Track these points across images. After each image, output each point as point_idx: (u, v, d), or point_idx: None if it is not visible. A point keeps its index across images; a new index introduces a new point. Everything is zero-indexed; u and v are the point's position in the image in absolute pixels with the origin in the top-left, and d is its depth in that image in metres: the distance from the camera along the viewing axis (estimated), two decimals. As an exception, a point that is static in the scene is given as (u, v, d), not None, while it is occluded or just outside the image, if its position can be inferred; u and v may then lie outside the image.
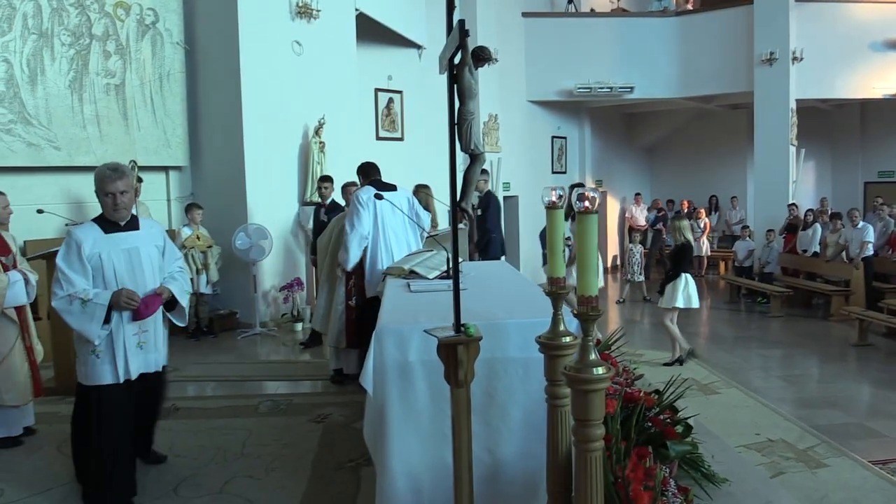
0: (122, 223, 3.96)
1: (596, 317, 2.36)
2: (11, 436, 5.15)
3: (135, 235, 3.97)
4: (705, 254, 15.86)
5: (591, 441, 2.37)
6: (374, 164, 6.60)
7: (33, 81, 7.87)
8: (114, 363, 3.88)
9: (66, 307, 3.72)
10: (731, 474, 3.90)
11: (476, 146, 5.99)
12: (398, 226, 6.32)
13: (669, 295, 7.87)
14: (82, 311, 3.71)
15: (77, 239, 3.81)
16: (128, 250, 3.92)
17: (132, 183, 3.72)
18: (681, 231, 8.04)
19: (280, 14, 9.23)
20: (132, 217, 4.01)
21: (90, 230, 3.87)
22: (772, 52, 13.02)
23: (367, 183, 6.38)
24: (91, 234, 3.85)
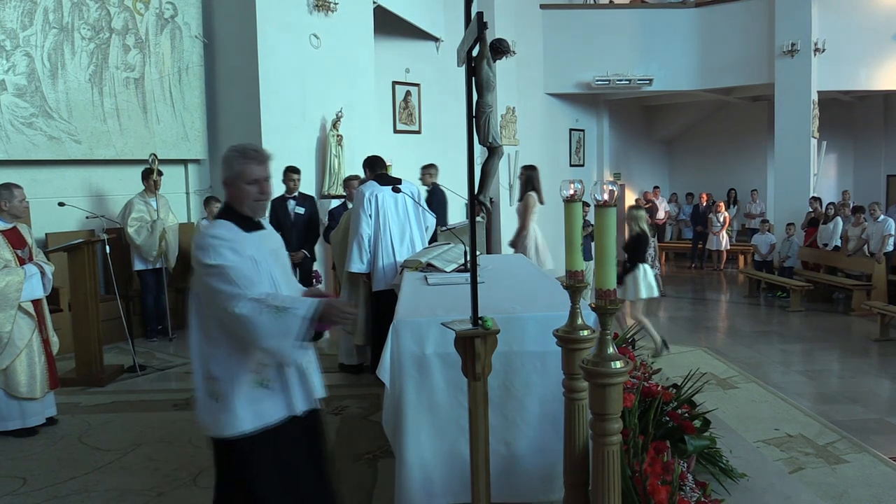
0: (258, 220, 2.96)
1: (614, 310, 2.35)
2: (27, 426, 5.22)
3: (271, 235, 3.01)
4: (724, 248, 15.74)
5: (609, 435, 2.37)
6: (379, 158, 6.62)
7: (54, 75, 7.95)
8: (287, 392, 2.80)
9: (256, 317, 2.62)
10: (749, 469, 3.88)
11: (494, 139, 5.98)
12: (402, 221, 6.32)
13: (631, 287, 7.76)
14: (276, 322, 2.62)
15: (228, 240, 2.76)
16: (275, 252, 2.96)
17: None
18: (636, 221, 7.97)
19: (298, 7, 9.24)
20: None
21: (229, 230, 2.83)
22: (793, 42, 12.86)
23: (373, 177, 6.39)
24: (235, 234, 2.81)
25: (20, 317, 5.15)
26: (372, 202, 6.16)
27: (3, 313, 5.05)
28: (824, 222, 12.18)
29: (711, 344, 8.72)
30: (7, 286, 5.03)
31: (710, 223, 15.66)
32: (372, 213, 6.18)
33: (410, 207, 6.38)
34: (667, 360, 7.57)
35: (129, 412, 5.79)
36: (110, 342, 7.56)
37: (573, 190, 2.74)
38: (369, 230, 6.17)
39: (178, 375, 6.93)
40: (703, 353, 8.14)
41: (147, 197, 8.19)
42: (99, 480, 4.40)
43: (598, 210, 2.37)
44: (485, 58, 5.57)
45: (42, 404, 5.33)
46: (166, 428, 5.32)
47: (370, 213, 6.17)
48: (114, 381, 6.65)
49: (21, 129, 7.66)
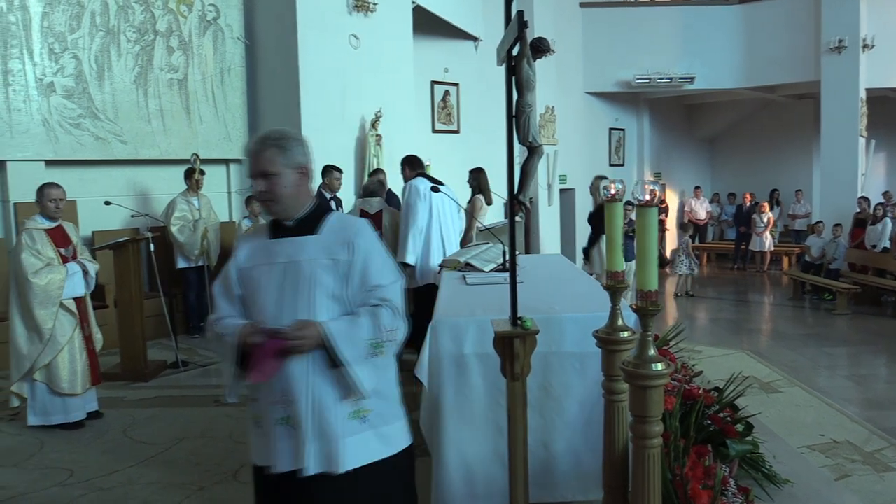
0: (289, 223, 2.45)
1: (655, 312, 2.32)
2: (70, 421, 5.34)
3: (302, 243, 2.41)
4: (768, 249, 15.45)
5: (649, 438, 2.33)
6: (418, 157, 6.68)
7: (101, 77, 8.13)
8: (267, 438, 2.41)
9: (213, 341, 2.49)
10: (793, 475, 3.79)
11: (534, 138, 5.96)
12: (447, 220, 6.40)
13: (597, 260, 7.59)
14: (220, 350, 2.43)
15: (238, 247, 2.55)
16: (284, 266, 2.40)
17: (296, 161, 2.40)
18: (600, 191, 7.82)
19: (338, 8, 9.31)
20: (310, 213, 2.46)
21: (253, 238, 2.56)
22: (840, 39, 12.56)
23: (417, 174, 6.44)
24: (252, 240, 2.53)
25: (62, 314, 5.26)
26: (427, 197, 6.23)
27: (46, 310, 5.17)
28: (872, 223, 11.87)
29: (754, 347, 8.56)
30: (49, 284, 5.14)
31: (754, 223, 15.38)
32: (427, 208, 6.25)
33: (454, 208, 6.47)
34: (709, 362, 7.45)
35: (171, 407, 5.89)
36: (154, 338, 7.71)
37: (614, 190, 2.71)
38: (424, 223, 6.23)
39: (219, 372, 7.03)
40: (745, 355, 8.00)
41: (189, 196, 8.32)
42: (142, 473, 4.49)
43: (640, 210, 2.34)
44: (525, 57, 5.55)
45: (83, 400, 5.44)
46: (208, 423, 5.41)
47: (427, 207, 6.24)
48: (157, 377, 6.78)
49: (69, 130, 7.86)
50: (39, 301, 5.14)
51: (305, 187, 2.46)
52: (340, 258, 2.37)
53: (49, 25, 7.69)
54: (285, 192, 2.38)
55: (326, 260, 2.37)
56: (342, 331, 2.30)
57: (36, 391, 5.29)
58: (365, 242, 2.41)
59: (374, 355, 2.34)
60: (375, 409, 2.40)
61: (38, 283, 5.09)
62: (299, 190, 2.42)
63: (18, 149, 7.48)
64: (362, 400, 2.35)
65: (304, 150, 2.45)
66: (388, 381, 2.46)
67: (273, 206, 2.42)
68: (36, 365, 5.21)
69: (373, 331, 2.33)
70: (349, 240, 2.39)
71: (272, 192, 2.38)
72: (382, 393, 2.42)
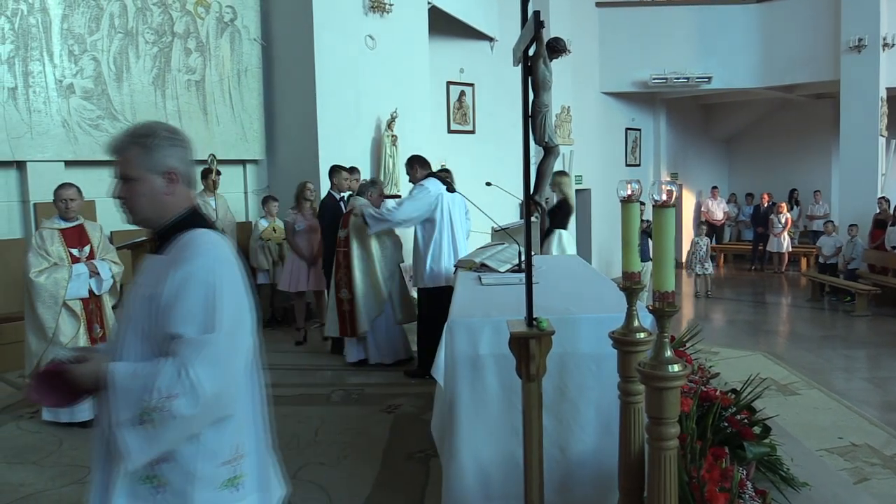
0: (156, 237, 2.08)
1: (672, 313, 2.31)
2: (76, 422, 5.34)
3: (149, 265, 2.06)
4: (786, 250, 15.31)
5: (666, 439, 2.32)
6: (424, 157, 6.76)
7: (119, 78, 8.20)
8: None
9: None
10: (811, 478, 3.76)
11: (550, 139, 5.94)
12: (458, 221, 6.44)
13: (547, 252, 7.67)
14: None
15: None
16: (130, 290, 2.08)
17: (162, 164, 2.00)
18: (560, 187, 7.86)
19: (354, 9, 9.33)
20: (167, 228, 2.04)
21: None
22: (860, 38, 12.42)
23: (429, 175, 6.47)
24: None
25: (65, 314, 5.25)
26: (440, 200, 6.27)
27: (48, 310, 5.18)
28: (893, 224, 11.74)
29: (772, 348, 8.50)
30: (53, 283, 5.16)
31: (772, 224, 15.25)
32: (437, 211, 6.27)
33: (463, 210, 6.51)
34: (725, 364, 7.39)
35: (188, 406, 5.92)
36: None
37: (630, 190, 2.70)
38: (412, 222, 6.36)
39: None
40: (762, 357, 7.94)
41: (206, 196, 8.36)
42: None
43: (657, 210, 2.33)
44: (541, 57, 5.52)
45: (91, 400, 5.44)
46: (224, 422, 5.43)
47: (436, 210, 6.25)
48: (174, 376, 6.81)
49: (88, 131, 7.93)
50: (42, 300, 5.16)
51: (175, 196, 2.02)
52: (157, 290, 1.89)
53: (69, 27, 7.76)
54: (143, 202, 1.99)
55: (146, 290, 1.94)
56: (124, 381, 1.83)
57: None
58: (182, 276, 1.87)
59: (143, 423, 1.79)
60: (174, 484, 1.89)
61: (39, 282, 5.13)
62: (164, 199, 2.00)
63: (38, 150, 7.56)
64: (164, 462, 1.87)
65: (176, 150, 2.04)
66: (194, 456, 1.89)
67: (130, 215, 2.06)
68: (42, 361, 5.24)
69: (142, 391, 1.79)
70: (169, 268, 1.90)
71: (128, 199, 2.01)
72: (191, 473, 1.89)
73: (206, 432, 1.88)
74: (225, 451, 1.94)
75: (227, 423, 1.92)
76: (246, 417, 2.04)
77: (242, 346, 1.94)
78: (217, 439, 1.91)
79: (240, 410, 1.98)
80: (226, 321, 1.86)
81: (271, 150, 9.77)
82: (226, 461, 1.94)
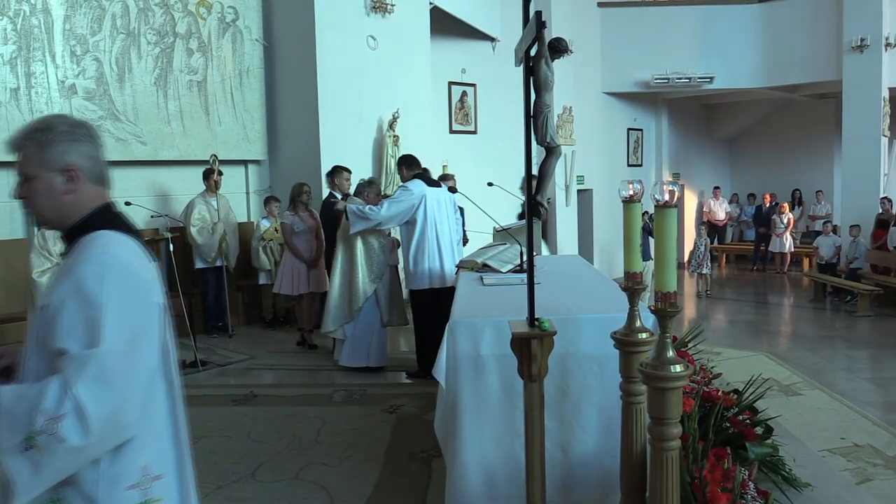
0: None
1: (674, 313, 2.31)
2: None
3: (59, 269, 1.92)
4: (788, 250, 15.30)
5: (668, 440, 2.32)
6: (415, 157, 6.75)
7: (121, 79, 8.21)
8: None
9: None
10: (813, 479, 3.76)
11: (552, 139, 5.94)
12: (444, 224, 6.43)
13: None
14: None
15: None
16: None
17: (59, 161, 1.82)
18: None
19: (356, 9, 9.34)
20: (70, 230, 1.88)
21: None
22: (863, 38, 12.40)
23: (415, 176, 6.47)
24: None
25: None
26: (422, 201, 6.26)
27: None
28: (895, 224, 11.72)
29: (774, 349, 8.48)
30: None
31: (774, 224, 15.24)
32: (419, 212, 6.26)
33: (451, 209, 6.51)
34: (728, 364, 7.39)
35: (190, 406, 5.86)
36: (173, 338, 7.75)
37: (632, 191, 2.70)
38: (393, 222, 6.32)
39: (237, 371, 7.08)
40: (764, 357, 7.92)
41: (208, 197, 8.38)
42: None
43: (659, 211, 2.33)
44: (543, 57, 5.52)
45: None
46: (226, 422, 5.44)
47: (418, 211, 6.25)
48: (176, 376, 6.82)
49: (90, 131, 7.93)
50: None
51: (78, 195, 1.86)
52: (48, 301, 1.74)
53: (71, 28, 7.77)
54: (41, 202, 1.85)
55: (43, 300, 1.79)
56: (9, 404, 1.64)
57: None
58: (68, 284, 1.71)
59: (29, 448, 1.60)
60: None
61: (42, 283, 5.15)
62: (64, 199, 1.85)
63: (40, 150, 7.57)
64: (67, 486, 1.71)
65: (77, 146, 1.85)
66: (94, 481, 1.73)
67: (33, 217, 1.94)
68: None
69: (28, 414, 1.61)
70: (62, 276, 1.76)
71: (29, 199, 1.86)
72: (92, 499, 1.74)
73: (103, 455, 1.72)
74: (130, 475, 1.78)
75: (129, 443, 1.76)
76: (157, 436, 1.88)
77: (142, 359, 1.75)
78: (117, 462, 1.76)
79: (150, 429, 1.83)
80: (114, 334, 1.67)
81: (273, 150, 9.77)
82: (133, 485, 1.79)
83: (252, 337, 8.54)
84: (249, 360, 7.41)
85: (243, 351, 7.81)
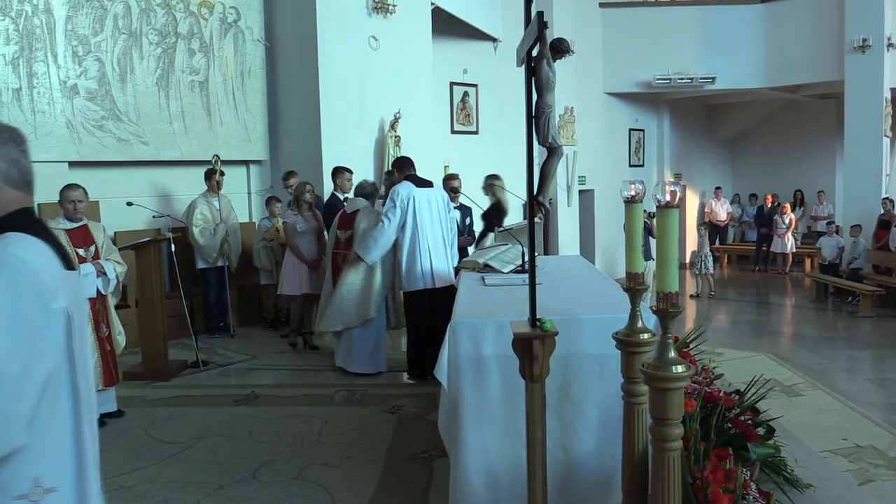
0: None
1: (676, 314, 2.30)
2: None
3: None
4: (790, 250, 15.29)
5: (670, 440, 2.32)
6: (409, 159, 6.75)
7: (123, 79, 8.21)
8: None
9: None
10: (815, 480, 3.75)
11: (553, 139, 5.94)
12: (435, 223, 6.41)
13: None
14: None
15: None
16: None
17: None
18: (493, 190, 7.93)
19: (357, 10, 9.34)
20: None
21: None
22: (865, 38, 12.39)
23: (405, 178, 6.47)
24: None
25: None
26: (409, 204, 6.26)
27: None
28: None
29: (775, 349, 8.48)
30: None
31: (776, 225, 15.23)
32: (409, 213, 6.26)
33: (442, 211, 6.50)
34: (729, 365, 7.38)
35: (191, 406, 5.94)
36: (174, 338, 7.75)
37: (634, 191, 2.69)
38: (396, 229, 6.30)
39: (239, 371, 7.08)
40: (766, 358, 7.92)
41: (210, 197, 8.38)
42: (162, 472, 4.52)
43: (661, 211, 2.32)
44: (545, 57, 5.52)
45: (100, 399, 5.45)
46: (227, 422, 5.44)
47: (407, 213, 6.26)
48: (177, 376, 6.83)
49: (92, 132, 7.94)
50: None
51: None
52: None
53: (73, 28, 7.78)
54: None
55: None
56: None
57: None
58: None
59: None
60: None
61: None
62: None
63: (43, 150, 7.57)
64: None
65: None
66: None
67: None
68: None
69: None
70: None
71: None
72: None
73: None
74: (19, 484, 1.74)
75: (19, 452, 1.71)
76: (55, 448, 1.81)
77: (34, 363, 1.68)
78: (3, 469, 1.70)
79: (46, 439, 1.76)
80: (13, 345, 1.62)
81: (274, 150, 9.78)
82: (21, 495, 1.74)
83: (253, 337, 8.54)
84: (251, 361, 7.41)
85: (245, 351, 7.82)
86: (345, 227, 6.80)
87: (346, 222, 6.78)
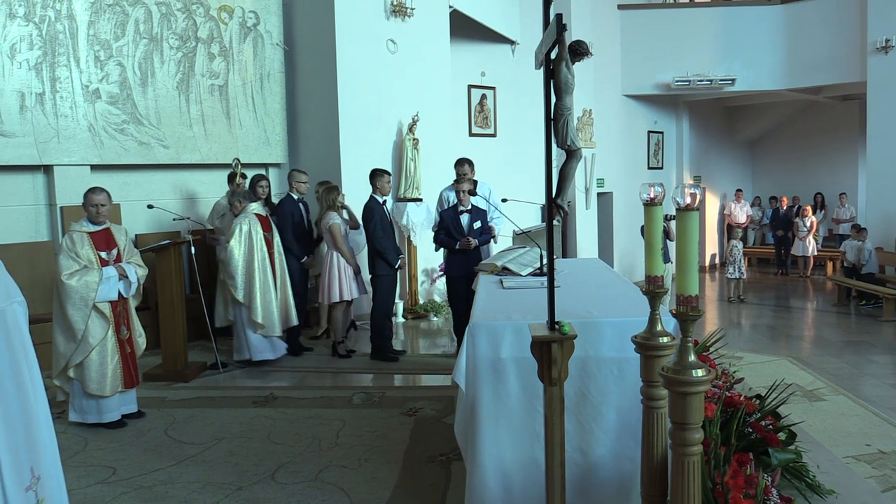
0: None
1: (696, 317, 2.29)
2: (103, 422, 5.41)
3: None
4: (811, 253, 15.12)
5: (689, 445, 2.30)
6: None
7: (144, 83, 8.30)
8: None
9: None
10: (838, 486, 3.71)
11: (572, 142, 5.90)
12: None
13: None
14: None
15: None
16: None
17: None
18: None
19: (375, 13, 9.38)
20: None
21: None
22: (887, 38, 12.24)
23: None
24: None
25: (95, 316, 5.31)
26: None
27: (78, 312, 5.25)
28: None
29: (796, 354, 8.38)
30: (82, 286, 5.22)
31: (797, 228, 15.07)
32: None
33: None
34: (750, 369, 7.31)
35: (211, 407, 5.97)
36: (194, 340, 7.81)
37: (653, 193, 2.68)
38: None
39: (257, 373, 7.11)
40: (787, 362, 7.84)
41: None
42: (182, 472, 4.56)
43: (680, 214, 2.31)
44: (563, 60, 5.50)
45: (118, 401, 5.50)
46: (246, 423, 5.47)
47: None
48: (197, 378, 6.88)
49: (113, 135, 8.03)
50: (72, 302, 5.23)
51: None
52: None
53: (95, 34, 7.87)
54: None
55: None
56: None
57: (74, 389, 5.40)
58: None
59: None
60: None
61: (70, 285, 5.19)
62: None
63: (65, 154, 7.67)
64: None
65: None
66: None
67: None
68: (70, 362, 5.31)
69: None
70: None
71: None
72: None
73: None
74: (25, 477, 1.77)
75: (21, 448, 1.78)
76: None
77: None
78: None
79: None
80: None
81: (293, 153, 9.83)
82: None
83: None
84: (269, 362, 7.44)
85: (263, 353, 7.84)
86: None
87: None
